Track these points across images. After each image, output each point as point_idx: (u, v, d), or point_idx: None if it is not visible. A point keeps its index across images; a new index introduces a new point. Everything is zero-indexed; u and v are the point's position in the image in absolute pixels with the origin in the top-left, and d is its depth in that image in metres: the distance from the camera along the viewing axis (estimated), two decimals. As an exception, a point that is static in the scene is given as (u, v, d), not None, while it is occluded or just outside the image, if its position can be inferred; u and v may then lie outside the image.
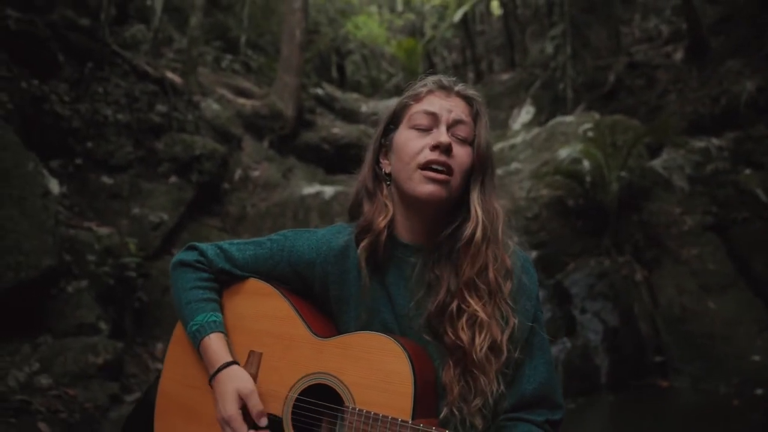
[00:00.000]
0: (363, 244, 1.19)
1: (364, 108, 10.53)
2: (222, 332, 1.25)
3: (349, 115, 9.63)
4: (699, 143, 6.50)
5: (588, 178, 5.79)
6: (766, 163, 6.45)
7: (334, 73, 13.29)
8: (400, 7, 15.38)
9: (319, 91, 9.31)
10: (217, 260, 1.31)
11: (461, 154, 1.17)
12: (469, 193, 1.19)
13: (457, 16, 12.44)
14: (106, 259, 3.69)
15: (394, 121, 1.25)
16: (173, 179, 4.68)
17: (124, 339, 3.66)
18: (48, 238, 3.44)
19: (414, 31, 14.92)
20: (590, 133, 6.43)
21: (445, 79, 1.25)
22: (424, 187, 1.14)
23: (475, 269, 1.14)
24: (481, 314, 1.12)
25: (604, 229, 5.63)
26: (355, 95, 11.27)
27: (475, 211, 1.16)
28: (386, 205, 1.21)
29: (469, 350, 1.10)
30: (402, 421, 1.04)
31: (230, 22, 8.37)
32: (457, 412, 1.10)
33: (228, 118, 5.85)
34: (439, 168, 1.14)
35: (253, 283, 1.31)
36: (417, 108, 1.20)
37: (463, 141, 1.18)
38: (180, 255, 1.35)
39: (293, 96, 6.55)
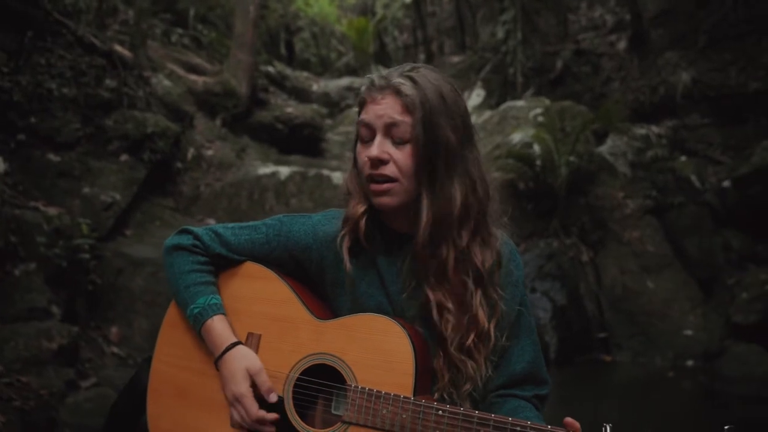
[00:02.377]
0: (342, 232, 1.23)
1: (315, 87, 10.40)
2: (224, 314, 1.27)
3: (301, 94, 9.49)
4: (640, 130, 6.83)
5: (538, 162, 5.99)
6: (700, 151, 6.88)
7: (283, 51, 13.01)
8: (351, -15, 15.18)
9: (270, 69, 9.12)
10: (212, 245, 1.31)
11: (401, 158, 1.14)
12: (420, 194, 1.16)
13: (409, -4, 12.42)
14: (56, 240, 3.54)
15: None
16: (124, 158, 4.51)
17: (78, 323, 3.54)
18: (-6, 218, 3.27)
19: (365, 11, 14.78)
20: (540, 118, 6.63)
21: (378, 78, 1.18)
22: (375, 200, 1.18)
23: (432, 270, 1.16)
24: (451, 306, 1.15)
25: (553, 212, 5.87)
26: (305, 74, 11.10)
27: (423, 214, 1.14)
28: (366, 198, 1.22)
29: (455, 341, 1.15)
30: (404, 397, 1.09)
31: (177, -7, 8.04)
32: (447, 397, 1.16)
33: (180, 94, 5.66)
34: (379, 180, 1.16)
35: (250, 267, 1.32)
36: (359, 119, 1.20)
37: (402, 142, 1.15)
38: (173, 239, 1.34)
39: (247, 74, 6.40)
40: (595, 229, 5.79)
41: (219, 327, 1.24)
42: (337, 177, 5.69)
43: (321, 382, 1.18)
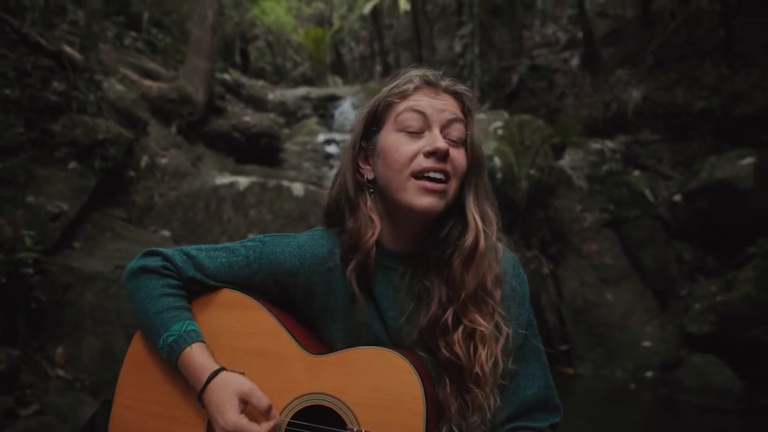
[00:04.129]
0: (352, 265, 1.10)
1: (271, 96, 10.24)
2: (203, 342, 1.12)
3: (257, 103, 9.31)
4: (595, 145, 7.02)
5: (499, 175, 6.02)
6: (651, 166, 7.12)
7: (237, 59, 12.78)
8: (309, -6, 15.09)
9: (226, 77, 8.90)
10: (185, 267, 1.16)
11: (457, 158, 1.09)
12: (464, 198, 1.11)
13: (367, 8, 12.43)
14: (-4, 254, 3.26)
15: (376, 121, 1.14)
16: (73, 165, 4.22)
17: (18, 345, 3.25)
18: (-76, 231, 2.97)
19: (322, 21, 14.71)
20: (500, 132, 6.69)
21: (432, 74, 1.14)
22: (421, 199, 1.06)
23: (477, 281, 1.08)
24: (485, 329, 1.07)
25: (514, 225, 5.91)
26: (261, 82, 10.92)
27: (473, 218, 1.09)
28: (372, 220, 1.11)
29: (466, 366, 1.06)
30: (414, 441, 0.99)
31: (130, -5, 7.72)
32: (456, 430, 1.07)
33: (133, 100, 5.39)
34: (437, 177, 1.06)
35: (228, 295, 1.17)
36: (404, 107, 1.10)
37: (457, 143, 1.10)
38: (140, 261, 1.18)
39: (204, 80, 6.17)
40: (555, 242, 5.87)
41: (199, 356, 1.09)
42: (297, 188, 5.54)
43: (317, 426, 1.07)
